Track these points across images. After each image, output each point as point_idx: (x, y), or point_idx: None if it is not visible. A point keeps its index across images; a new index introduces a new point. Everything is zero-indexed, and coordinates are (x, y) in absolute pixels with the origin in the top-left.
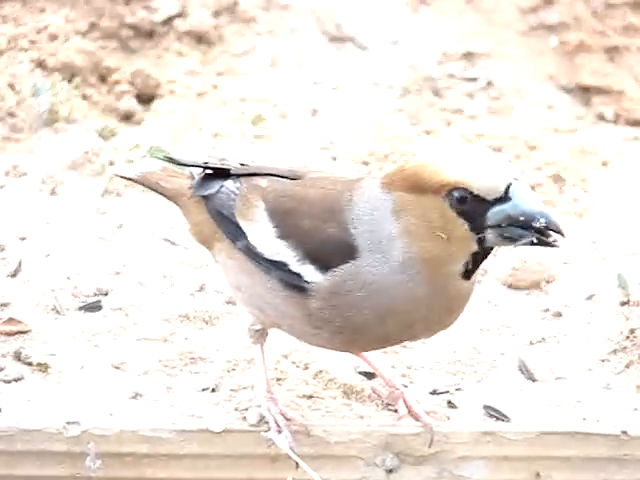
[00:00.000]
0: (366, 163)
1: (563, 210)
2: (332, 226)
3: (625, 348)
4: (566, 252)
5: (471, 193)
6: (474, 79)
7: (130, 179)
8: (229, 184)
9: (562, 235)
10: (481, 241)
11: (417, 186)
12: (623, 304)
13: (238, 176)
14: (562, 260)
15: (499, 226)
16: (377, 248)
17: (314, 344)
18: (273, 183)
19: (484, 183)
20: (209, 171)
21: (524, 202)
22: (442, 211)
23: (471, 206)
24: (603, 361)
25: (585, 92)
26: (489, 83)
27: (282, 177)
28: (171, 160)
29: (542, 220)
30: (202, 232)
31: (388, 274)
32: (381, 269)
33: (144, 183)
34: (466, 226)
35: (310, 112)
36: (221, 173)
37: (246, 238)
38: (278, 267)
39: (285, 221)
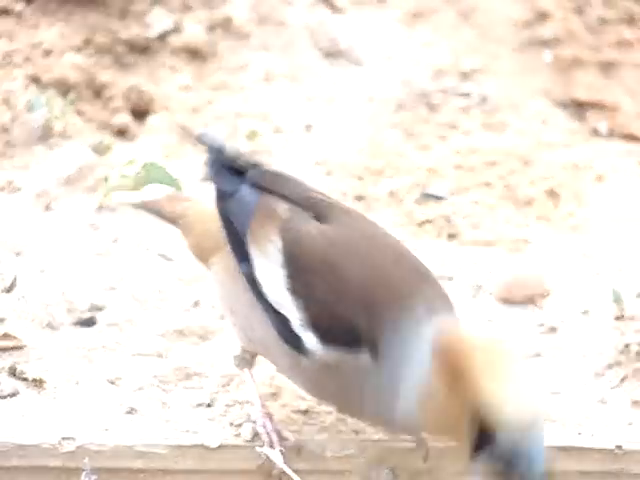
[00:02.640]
0: (361, 178)
1: (558, 225)
2: (357, 314)
3: (620, 363)
4: (561, 267)
5: (494, 437)
6: (468, 94)
7: (133, 205)
8: (245, 191)
9: None
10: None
11: (455, 380)
12: (618, 319)
13: (255, 184)
14: (557, 275)
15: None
16: (396, 375)
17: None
18: (294, 217)
19: (509, 437)
20: (226, 162)
21: (527, 462)
22: (459, 416)
23: (486, 444)
24: (598, 375)
25: (579, 107)
26: (483, 98)
27: (304, 206)
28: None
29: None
30: (203, 244)
31: (388, 394)
32: (386, 385)
33: (146, 209)
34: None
35: (304, 127)
36: (236, 171)
37: (252, 268)
38: (279, 319)
39: (302, 277)
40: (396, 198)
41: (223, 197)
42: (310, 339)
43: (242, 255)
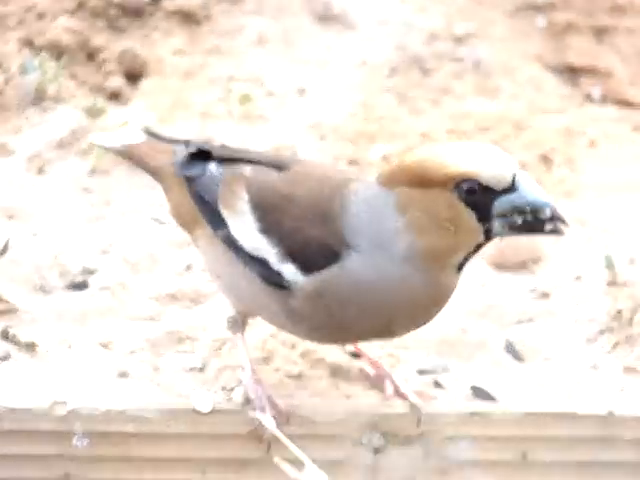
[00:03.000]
0: (354, 142)
1: (550, 190)
2: (317, 229)
3: (612, 329)
4: None
5: (480, 184)
6: (461, 59)
7: (111, 150)
8: (213, 168)
9: (566, 225)
10: (488, 232)
11: (421, 180)
12: (610, 285)
13: (222, 160)
14: (549, 241)
15: (505, 216)
16: (377, 245)
17: (294, 334)
18: (258, 173)
19: (492, 173)
20: (193, 150)
21: (530, 192)
22: (450, 203)
23: (479, 197)
24: (590, 341)
25: (573, 73)
26: (477, 63)
27: (267, 165)
28: (153, 134)
29: (547, 210)
30: (183, 215)
31: (388, 270)
32: (380, 265)
33: (125, 155)
34: (474, 217)
35: (297, 91)
36: (203, 155)
37: (227, 228)
38: (258, 262)
39: (268, 216)
40: (389, 162)
41: (193, 181)
42: (290, 270)
43: (217, 222)
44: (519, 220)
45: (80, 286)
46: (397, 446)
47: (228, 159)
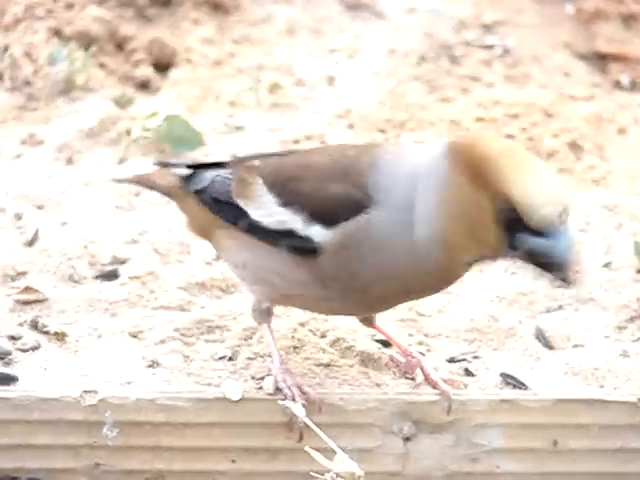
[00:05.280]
0: (383, 131)
1: (580, 178)
2: (339, 184)
3: None
4: (583, 219)
5: (518, 216)
6: (491, 47)
7: (126, 181)
8: (221, 173)
9: (570, 286)
10: (508, 250)
11: (478, 176)
12: (639, 272)
13: (230, 166)
14: (579, 227)
15: (526, 253)
16: (402, 208)
17: (323, 310)
18: (266, 160)
19: (535, 213)
20: (196, 168)
21: (558, 249)
22: (485, 213)
23: (512, 224)
24: (620, 328)
25: (601, 59)
26: (506, 51)
27: (272, 156)
28: (164, 164)
29: (562, 271)
30: (199, 224)
31: (400, 233)
32: (397, 228)
33: (140, 183)
34: (501, 235)
35: (327, 80)
36: (211, 166)
37: (248, 216)
38: (285, 235)
39: (286, 189)
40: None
41: (202, 191)
42: (317, 231)
43: (236, 215)
44: (537, 260)
45: (110, 276)
46: (427, 434)
47: (236, 162)
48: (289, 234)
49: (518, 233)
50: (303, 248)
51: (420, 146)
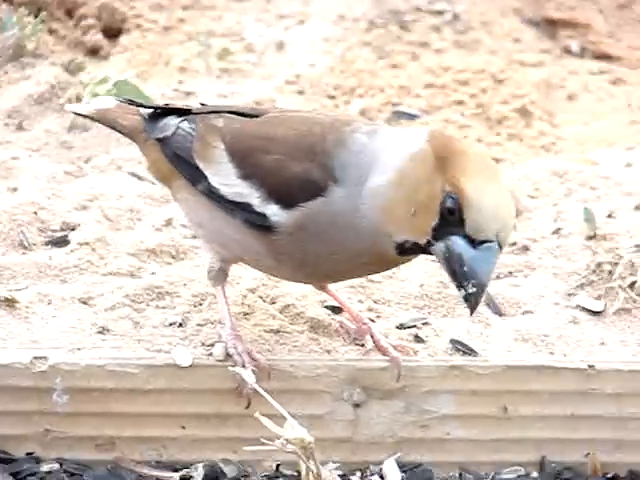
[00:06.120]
0: (332, 97)
1: (530, 144)
2: (302, 164)
3: (592, 282)
4: (532, 186)
5: (461, 216)
6: (440, 12)
7: (86, 116)
8: (184, 125)
9: (470, 313)
10: (430, 242)
11: (445, 163)
12: (589, 238)
13: (194, 114)
14: (529, 194)
15: (451, 251)
16: (358, 181)
17: (278, 276)
18: (230, 122)
19: (476, 221)
20: (157, 110)
21: (479, 266)
22: (433, 196)
23: (452, 220)
24: (570, 295)
25: (551, 25)
26: (455, 17)
27: (240, 115)
28: (127, 101)
29: (472, 289)
30: (160, 171)
31: (354, 209)
32: (351, 203)
33: (100, 120)
34: (436, 224)
35: (276, 46)
36: (173, 112)
37: (207, 181)
38: (241, 208)
39: (247, 161)
40: (368, 117)
41: (165, 141)
42: (274, 211)
43: (196, 176)
44: (454, 265)
45: (60, 242)
46: (377, 400)
47: (199, 114)
48: (245, 207)
49: (452, 230)
50: (257, 224)
51: (395, 130)
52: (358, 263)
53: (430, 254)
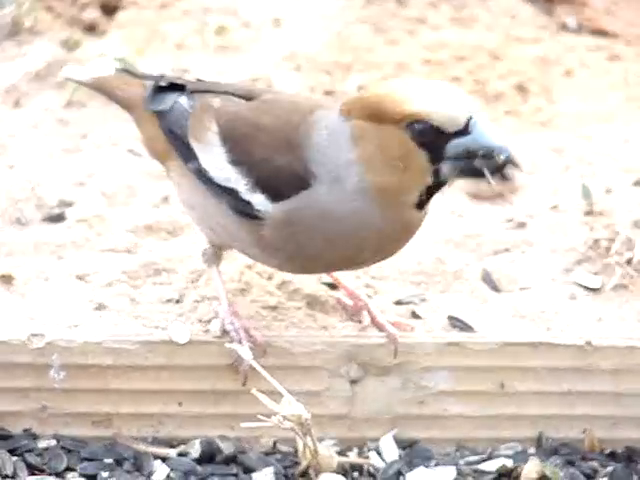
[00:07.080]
0: (329, 73)
1: (527, 120)
2: (285, 157)
3: (589, 258)
4: (530, 162)
5: (432, 125)
6: None
7: (82, 83)
8: (183, 101)
9: (520, 170)
10: (437, 173)
11: (377, 115)
12: (587, 214)
13: (192, 92)
14: (526, 170)
15: (457, 159)
16: (334, 176)
17: (266, 265)
18: (226, 103)
19: (445, 115)
20: (162, 84)
21: (484, 136)
22: (402, 142)
23: (432, 138)
24: (567, 271)
25: (548, 2)
26: None
27: (237, 96)
28: (126, 70)
29: (501, 156)
30: (155, 147)
31: (343, 201)
32: (337, 196)
33: (97, 88)
34: (425, 158)
35: (273, 22)
36: (175, 87)
37: (198, 160)
38: (228, 193)
39: (238, 147)
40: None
41: (162, 115)
42: (259, 200)
43: (188, 155)
44: (471, 164)
45: (57, 218)
46: (374, 377)
47: (198, 92)
48: (232, 192)
49: (442, 146)
50: (243, 211)
51: (329, 112)
52: (368, 250)
53: (443, 186)
